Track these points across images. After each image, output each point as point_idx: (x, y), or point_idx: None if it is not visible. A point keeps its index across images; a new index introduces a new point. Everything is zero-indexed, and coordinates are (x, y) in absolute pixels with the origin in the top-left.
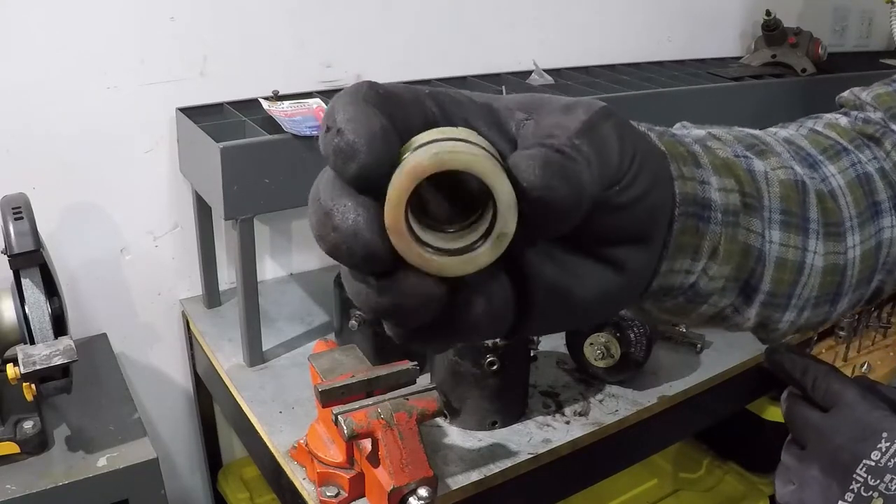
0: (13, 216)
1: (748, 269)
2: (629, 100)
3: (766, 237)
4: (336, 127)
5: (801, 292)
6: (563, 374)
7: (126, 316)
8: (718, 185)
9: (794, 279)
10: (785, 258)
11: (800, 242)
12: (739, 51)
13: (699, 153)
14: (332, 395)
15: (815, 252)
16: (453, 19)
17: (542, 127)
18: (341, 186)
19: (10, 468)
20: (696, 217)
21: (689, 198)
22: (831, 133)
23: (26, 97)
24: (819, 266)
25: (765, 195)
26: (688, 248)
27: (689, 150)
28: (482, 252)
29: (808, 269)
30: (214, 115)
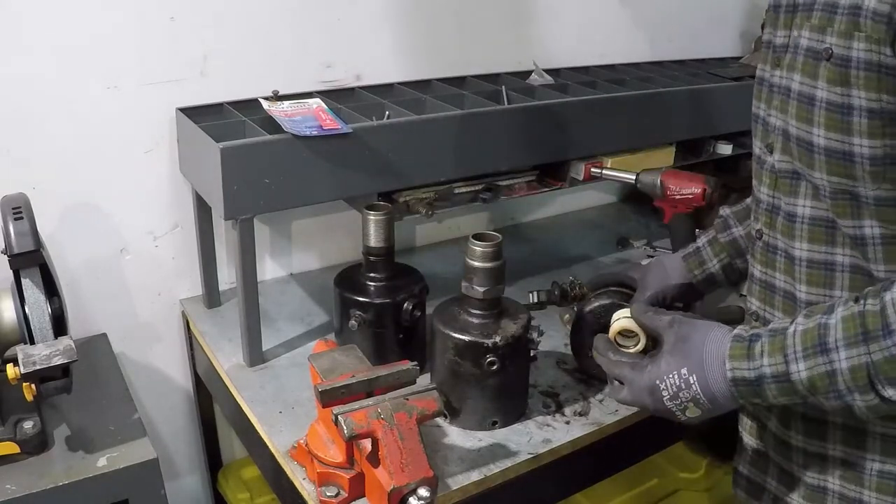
0: (13, 216)
1: None
2: (629, 100)
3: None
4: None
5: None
6: (563, 374)
7: (126, 316)
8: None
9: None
10: None
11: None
12: (739, 51)
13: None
14: (332, 395)
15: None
16: (453, 19)
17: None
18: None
19: (10, 468)
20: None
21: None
22: None
23: (27, 97)
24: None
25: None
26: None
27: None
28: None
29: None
30: (214, 115)
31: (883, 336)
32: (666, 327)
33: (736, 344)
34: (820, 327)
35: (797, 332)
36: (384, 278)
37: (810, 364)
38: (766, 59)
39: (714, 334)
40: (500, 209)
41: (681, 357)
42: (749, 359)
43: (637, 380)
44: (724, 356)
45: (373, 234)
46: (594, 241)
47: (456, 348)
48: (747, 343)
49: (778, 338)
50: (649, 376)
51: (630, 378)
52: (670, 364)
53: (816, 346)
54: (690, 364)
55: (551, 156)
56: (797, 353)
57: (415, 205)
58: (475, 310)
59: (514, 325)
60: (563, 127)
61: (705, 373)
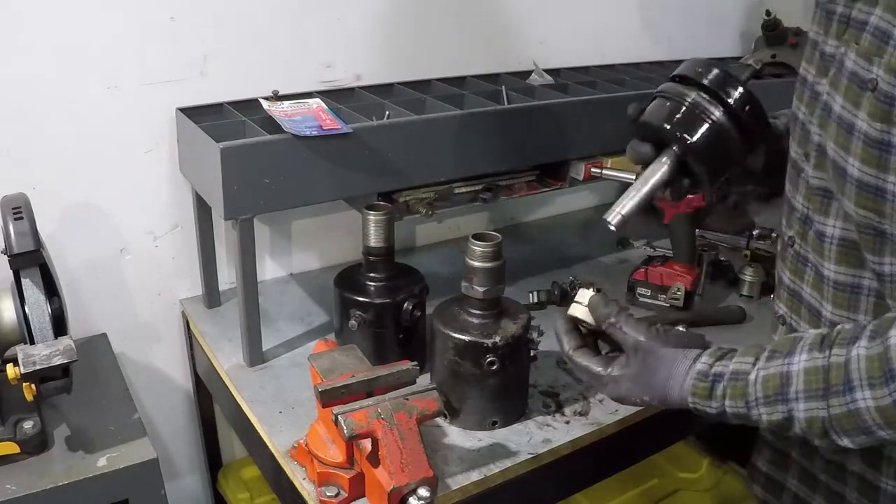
0: (13, 216)
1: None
2: (629, 100)
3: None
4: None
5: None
6: (563, 374)
7: (126, 316)
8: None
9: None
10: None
11: None
12: (739, 51)
13: (717, 391)
14: (332, 395)
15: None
16: (453, 19)
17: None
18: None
19: (10, 468)
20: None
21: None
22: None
23: (27, 97)
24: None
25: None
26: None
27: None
28: None
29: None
30: (214, 115)
31: (843, 392)
32: (632, 351)
33: (698, 383)
34: (782, 376)
35: (759, 379)
36: (384, 278)
37: (770, 410)
38: (812, 60)
39: (678, 368)
40: (500, 209)
41: (643, 388)
42: (711, 399)
43: (600, 390)
44: (685, 392)
45: (373, 234)
46: (594, 241)
47: (456, 348)
48: (709, 384)
49: (740, 383)
50: (611, 394)
51: (593, 385)
52: (632, 392)
53: (777, 394)
54: (652, 394)
55: (551, 156)
56: (758, 400)
57: (415, 205)
58: (475, 310)
59: (514, 325)
60: (563, 127)
61: (666, 402)
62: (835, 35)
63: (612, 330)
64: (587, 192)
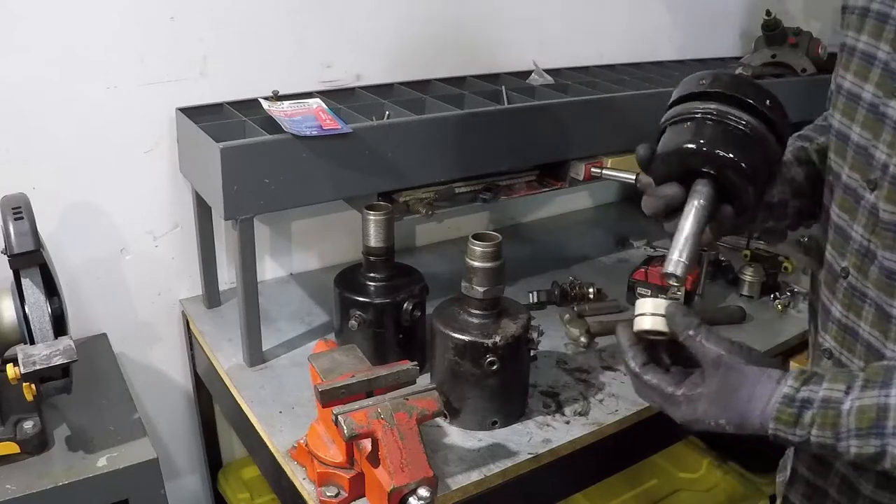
0: (13, 216)
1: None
2: (629, 100)
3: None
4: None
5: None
6: (563, 374)
7: (126, 316)
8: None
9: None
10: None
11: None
12: (739, 51)
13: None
14: (332, 395)
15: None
16: (453, 20)
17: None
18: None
19: (10, 468)
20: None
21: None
22: None
23: (26, 97)
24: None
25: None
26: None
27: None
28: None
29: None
30: (214, 115)
31: None
32: (711, 367)
33: (784, 409)
34: (879, 409)
35: (853, 410)
36: (384, 278)
37: (861, 443)
38: (868, 76)
39: (761, 389)
40: (500, 209)
41: (721, 408)
42: (796, 426)
43: (670, 412)
44: (768, 417)
45: (373, 234)
46: (594, 241)
47: (456, 348)
48: (797, 411)
49: (831, 412)
50: (683, 416)
51: (661, 405)
52: (708, 413)
53: (872, 427)
54: (730, 416)
55: (551, 156)
56: (850, 432)
57: (415, 205)
58: (475, 310)
59: (514, 325)
60: (563, 127)
61: (744, 426)
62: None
63: (691, 342)
64: (587, 192)
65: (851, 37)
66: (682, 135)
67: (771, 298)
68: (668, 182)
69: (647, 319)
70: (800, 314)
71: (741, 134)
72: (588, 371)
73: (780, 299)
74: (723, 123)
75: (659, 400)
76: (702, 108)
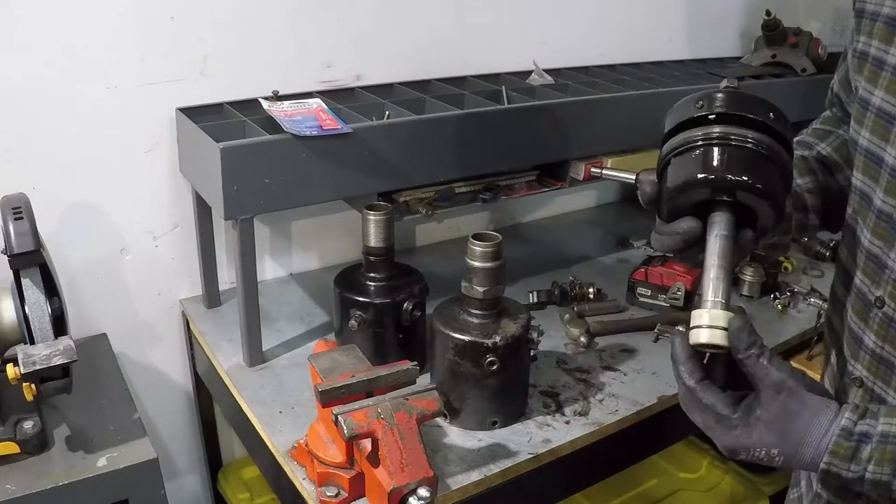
0: (13, 216)
1: None
2: (629, 100)
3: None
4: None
5: None
6: (563, 374)
7: (126, 316)
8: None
9: None
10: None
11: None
12: (739, 51)
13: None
14: (332, 395)
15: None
16: (453, 19)
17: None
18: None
19: (10, 468)
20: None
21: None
22: None
23: (26, 97)
24: None
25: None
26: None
27: (853, 449)
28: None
29: None
30: (214, 115)
31: None
32: (772, 391)
33: (842, 441)
34: None
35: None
36: (384, 278)
37: None
38: (887, 86)
39: (820, 420)
40: (500, 209)
41: (777, 436)
42: (852, 461)
43: (720, 437)
44: (823, 449)
45: (373, 234)
46: (594, 241)
47: (456, 348)
48: (854, 444)
49: (890, 447)
50: (735, 441)
51: (711, 428)
52: (763, 440)
53: None
54: (784, 446)
55: (551, 156)
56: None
57: (415, 205)
58: (475, 310)
59: (514, 325)
60: (563, 127)
61: (795, 457)
62: None
63: (753, 363)
64: (587, 192)
65: (878, 48)
66: (690, 166)
67: (771, 298)
68: (679, 214)
69: (704, 332)
70: (800, 314)
71: (751, 153)
72: (588, 371)
73: (780, 299)
74: (730, 146)
75: (711, 421)
76: (703, 134)
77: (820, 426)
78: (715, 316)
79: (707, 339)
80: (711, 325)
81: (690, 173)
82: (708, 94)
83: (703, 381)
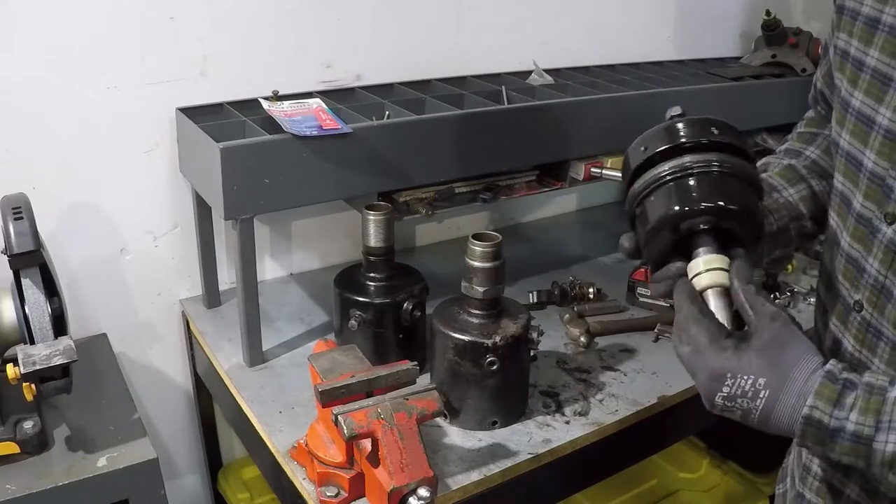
0: (13, 216)
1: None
2: (629, 100)
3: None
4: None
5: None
6: (563, 374)
7: (126, 316)
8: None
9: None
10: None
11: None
12: (739, 51)
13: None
14: (332, 395)
15: None
16: (453, 19)
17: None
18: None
19: (10, 468)
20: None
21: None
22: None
23: (26, 97)
24: None
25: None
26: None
27: (839, 393)
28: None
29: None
30: (214, 115)
31: None
32: (766, 320)
33: (827, 382)
34: None
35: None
36: (384, 278)
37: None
38: (881, 97)
39: (808, 359)
40: (500, 209)
41: (767, 363)
42: (836, 406)
43: (710, 358)
44: (808, 389)
45: (373, 234)
46: (594, 241)
47: (456, 348)
48: (839, 387)
49: (875, 398)
50: (724, 363)
51: (702, 349)
52: (752, 365)
53: None
54: (771, 376)
55: (551, 156)
56: (891, 424)
57: (415, 205)
58: (475, 310)
59: (514, 325)
60: (563, 127)
61: (780, 394)
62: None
63: (752, 296)
64: (587, 192)
65: (858, 49)
66: (659, 206)
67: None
68: (666, 259)
69: (704, 276)
70: (800, 314)
71: (714, 176)
72: (588, 371)
73: (780, 299)
74: (689, 176)
75: (705, 339)
76: (654, 176)
77: (808, 364)
78: (710, 259)
79: (708, 281)
80: (709, 267)
81: (661, 213)
82: (649, 135)
83: (705, 308)
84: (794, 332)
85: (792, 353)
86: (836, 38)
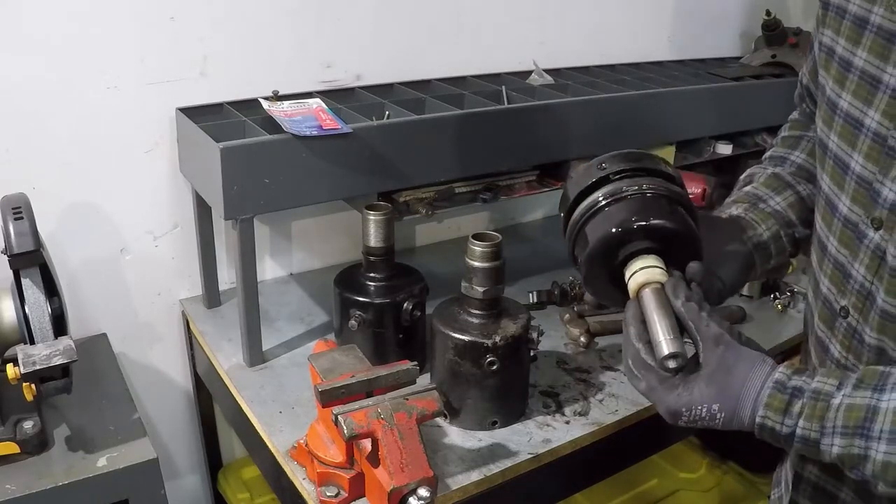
0: (13, 216)
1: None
2: (629, 100)
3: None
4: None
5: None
6: (563, 374)
7: (126, 316)
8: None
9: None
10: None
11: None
12: (739, 51)
13: (795, 409)
14: (332, 395)
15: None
16: (453, 19)
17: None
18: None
19: (10, 468)
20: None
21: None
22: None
23: (26, 97)
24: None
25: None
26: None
27: (787, 402)
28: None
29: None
30: (214, 115)
31: None
32: (711, 345)
33: (775, 393)
34: (868, 409)
35: (842, 406)
36: (384, 278)
37: (846, 443)
38: (871, 101)
39: (756, 372)
40: (500, 209)
41: (717, 391)
42: (785, 414)
43: (663, 396)
44: (759, 401)
45: (373, 234)
46: None
47: (456, 348)
48: (787, 397)
49: (820, 404)
50: (677, 401)
51: (655, 387)
52: (704, 395)
53: (859, 428)
54: (724, 401)
55: (551, 156)
56: (836, 429)
57: (415, 205)
58: (475, 310)
59: (514, 325)
60: (563, 127)
61: (735, 412)
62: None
63: (694, 315)
64: None
65: (845, 48)
66: (581, 245)
67: (771, 298)
68: (618, 299)
69: (639, 275)
70: (800, 314)
71: (636, 199)
72: (588, 371)
73: (780, 299)
74: (603, 208)
75: (654, 381)
76: (597, 201)
77: (757, 378)
78: (646, 259)
79: (644, 278)
80: (644, 265)
81: (603, 246)
82: (568, 185)
83: (649, 344)
84: (739, 353)
85: (738, 375)
86: (822, 34)
